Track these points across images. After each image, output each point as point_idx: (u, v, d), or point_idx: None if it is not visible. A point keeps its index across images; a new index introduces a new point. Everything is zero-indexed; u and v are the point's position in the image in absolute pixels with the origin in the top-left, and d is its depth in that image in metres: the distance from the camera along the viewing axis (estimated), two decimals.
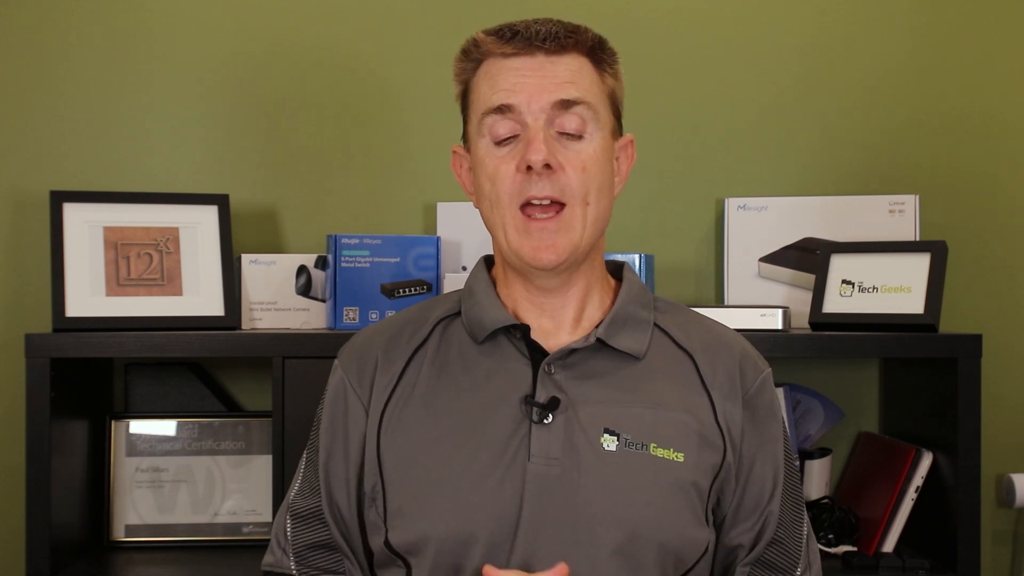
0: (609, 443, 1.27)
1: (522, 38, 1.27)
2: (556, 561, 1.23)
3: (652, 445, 1.28)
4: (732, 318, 1.81)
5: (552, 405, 1.27)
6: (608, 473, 1.26)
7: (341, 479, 1.34)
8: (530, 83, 1.27)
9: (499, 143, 1.28)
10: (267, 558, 1.39)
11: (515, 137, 1.28)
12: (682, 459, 1.28)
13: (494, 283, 1.37)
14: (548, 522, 1.25)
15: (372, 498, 1.32)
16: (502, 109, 1.27)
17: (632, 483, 1.26)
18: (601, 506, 1.25)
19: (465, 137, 1.35)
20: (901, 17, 2.17)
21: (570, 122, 1.27)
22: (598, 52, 1.31)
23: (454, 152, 1.38)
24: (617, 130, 1.34)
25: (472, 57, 1.32)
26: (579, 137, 1.28)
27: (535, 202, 1.27)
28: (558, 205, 1.27)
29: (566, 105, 1.27)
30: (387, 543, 1.30)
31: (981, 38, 2.17)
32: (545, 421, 1.27)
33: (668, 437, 1.28)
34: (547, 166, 1.25)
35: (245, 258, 2.00)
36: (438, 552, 1.26)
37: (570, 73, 1.28)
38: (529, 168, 1.25)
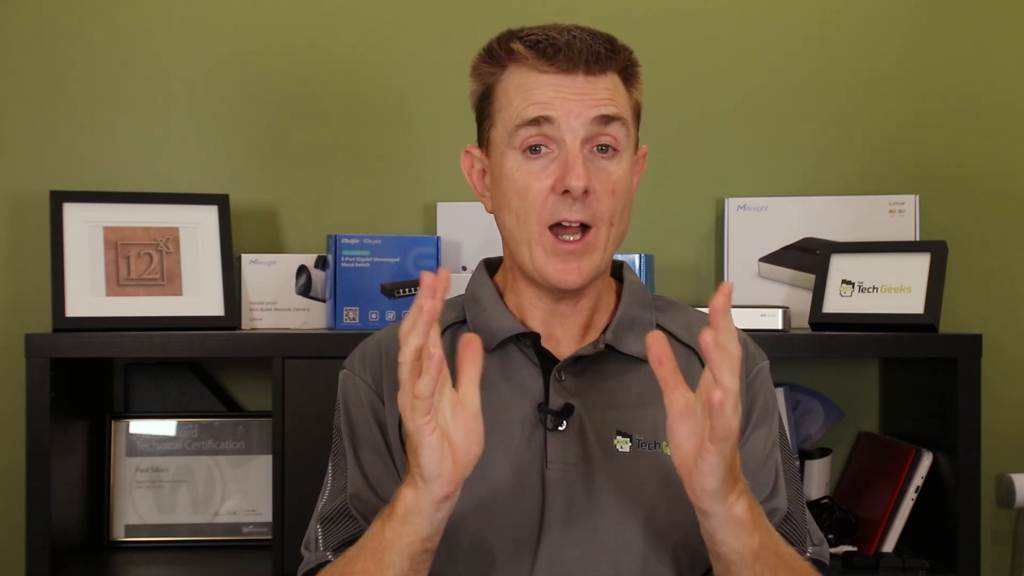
0: (622, 445, 1.28)
1: (564, 57, 1.25)
2: (580, 565, 1.24)
3: (664, 444, 1.28)
4: (732, 318, 1.81)
5: (566, 412, 1.28)
6: (624, 474, 1.27)
7: (374, 456, 1.32)
8: (569, 98, 1.25)
9: (529, 157, 1.26)
10: (300, 567, 1.34)
11: (547, 151, 1.26)
12: None
13: (497, 288, 1.37)
14: (570, 526, 1.26)
15: None
16: (539, 121, 1.25)
17: (648, 483, 1.27)
18: (620, 507, 1.26)
19: (482, 140, 1.33)
20: (901, 17, 2.17)
21: (605, 138, 1.26)
22: (630, 68, 1.31)
23: (466, 152, 1.36)
24: (636, 142, 1.34)
25: (500, 62, 1.29)
26: (613, 154, 1.27)
27: (565, 224, 1.26)
28: (585, 234, 1.26)
29: (605, 121, 1.25)
30: None
31: (981, 38, 2.17)
32: (559, 428, 1.28)
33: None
34: (584, 191, 1.24)
35: (245, 258, 2.00)
36: (458, 564, 1.26)
37: (608, 92, 1.26)
38: (565, 191, 1.24)
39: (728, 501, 1.12)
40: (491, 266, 1.41)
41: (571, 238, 1.26)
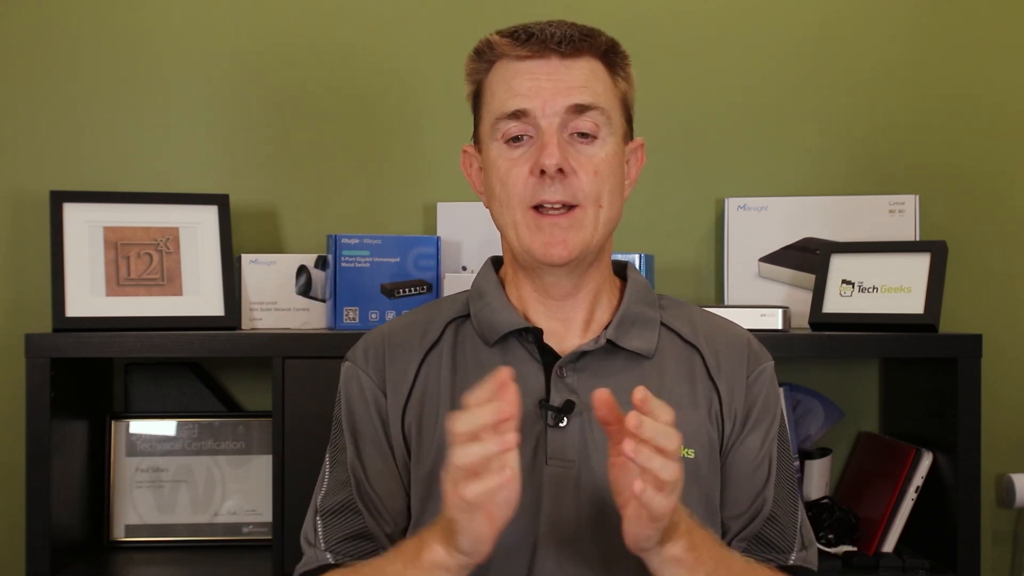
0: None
1: (537, 40, 1.27)
2: (578, 562, 1.25)
3: None
4: (732, 318, 1.80)
5: (567, 408, 1.28)
6: None
7: (375, 450, 1.32)
8: (544, 88, 1.27)
9: (512, 145, 1.28)
10: (299, 565, 1.35)
11: (528, 139, 1.28)
12: (693, 455, 1.30)
13: (502, 284, 1.37)
14: (568, 523, 1.26)
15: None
16: (517, 115, 1.27)
17: None
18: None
19: (476, 137, 1.36)
20: (901, 17, 2.17)
21: (583, 124, 1.28)
22: (611, 55, 1.31)
23: (464, 152, 1.38)
24: (628, 134, 1.35)
25: (485, 58, 1.32)
26: (592, 140, 1.28)
27: (547, 206, 1.27)
28: (570, 209, 1.27)
29: (580, 110, 1.27)
30: None
31: (981, 38, 2.17)
32: (560, 424, 1.28)
33: (680, 434, 1.29)
34: (560, 171, 1.25)
35: (245, 258, 2.00)
36: None
37: (584, 77, 1.28)
38: (543, 172, 1.25)
39: (663, 548, 1.13)
40: (497, 263, 1.41)
41: (555, 213, 1.27)
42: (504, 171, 1.28)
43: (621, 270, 1.41)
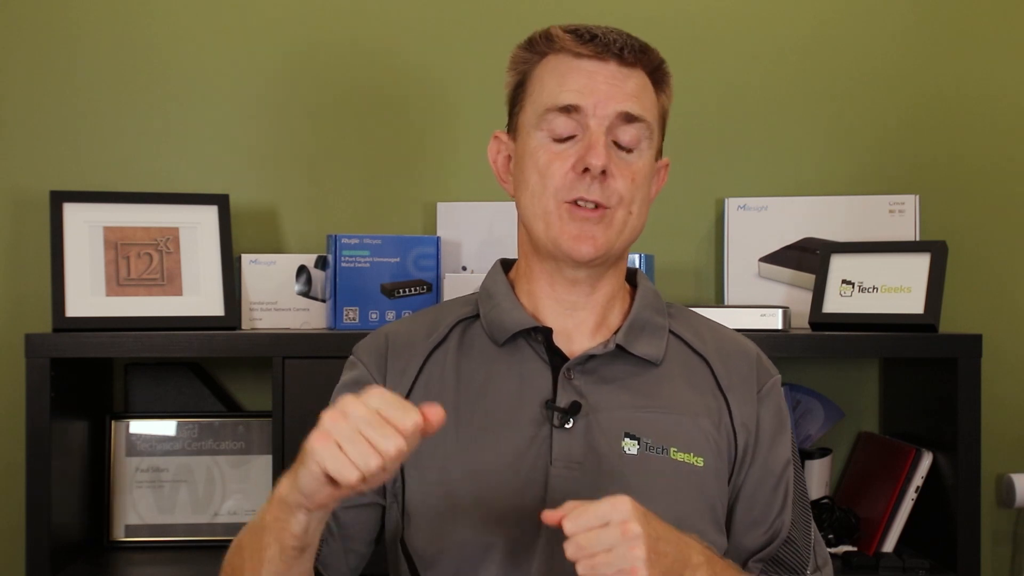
0: (630, 447, 1.28)
1: (600, 43, 1.29)
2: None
3: (672, 449, 1.29)
4: (732, 318, 1.81)
5: (574, 409, 1.28)
6: (630, 477, 1.26)
7: None
8: (600, 88, 1.28)
9: (556, 141, 1.29)
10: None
11: (572, 137, 1.29)
12: (702, 464, 1.29)
13: (512, 286, 1.37)
14: None
15: (393, 493, 1.32)
16: (568, 109, 1.28)
17: (654, 487, 1.26)
18: None
19: (512, 126, 1.36)
20: (900, 16, 2.17)
21: (626, 135, 1.29)
22: (660, 73, 1.34)
23: (495, 137, 1.38)
24: (660, 151, 1.37)
25: (537, 49, 1.33)
26: (631, 151, 1.30)
27: (581, 203, 1.28)
28: (602, 208, 1.28)
29: (628, 119, 1.29)
30: (402, 542, 1.30)
31: (981, 38, 2.17)
32: (566, 426, 1.28)
33: (688, 441, 1.29)
34: (603, 172, 1.27)
35: (245, 258, 2.00)
36: (457, 559, 1.26)
37: (637, 88, 1.30)
38: (585, 170, 1.26)
39: None
40: (506, 265, 1.42)
41: (588, 208, 1.28)
42: (544, 163, 1.29)
43: (631, 276, 1.42)
